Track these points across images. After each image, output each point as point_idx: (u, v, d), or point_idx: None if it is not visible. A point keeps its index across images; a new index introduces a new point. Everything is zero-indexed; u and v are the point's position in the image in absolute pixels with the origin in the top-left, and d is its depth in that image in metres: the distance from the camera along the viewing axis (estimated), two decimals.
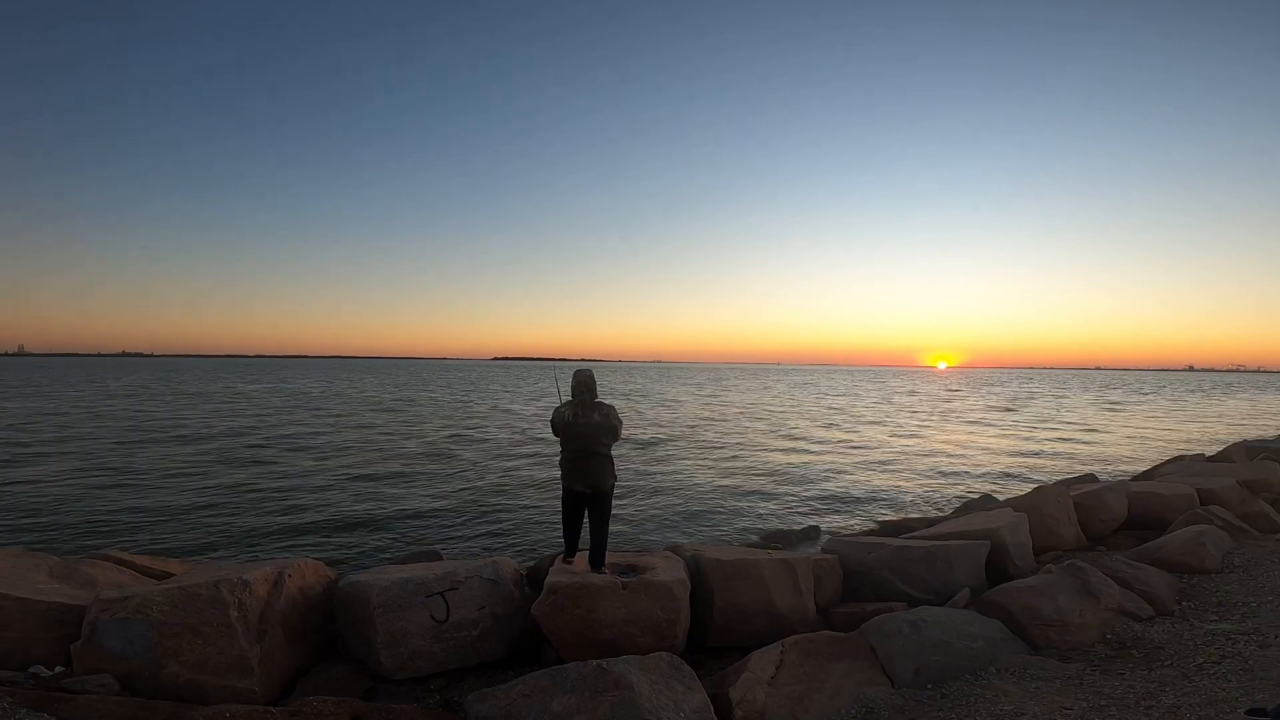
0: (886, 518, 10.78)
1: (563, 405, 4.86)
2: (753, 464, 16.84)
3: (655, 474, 14.95)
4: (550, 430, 4.94)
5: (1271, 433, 24.65)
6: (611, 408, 4.86)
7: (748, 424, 28.02)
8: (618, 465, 4.98)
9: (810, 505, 12.14)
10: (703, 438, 22.55)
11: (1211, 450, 15.74)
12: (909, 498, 13.06)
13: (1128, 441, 23.69)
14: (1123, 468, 16.93)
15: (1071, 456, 19.39)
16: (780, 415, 32.92)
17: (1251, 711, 3.36)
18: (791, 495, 12.97)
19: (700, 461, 17.09)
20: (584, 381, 4.82)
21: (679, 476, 14.72)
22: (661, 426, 26.21)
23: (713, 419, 30.17)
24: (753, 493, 13.10)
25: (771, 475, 15.15)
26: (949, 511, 10.71)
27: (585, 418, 4.72)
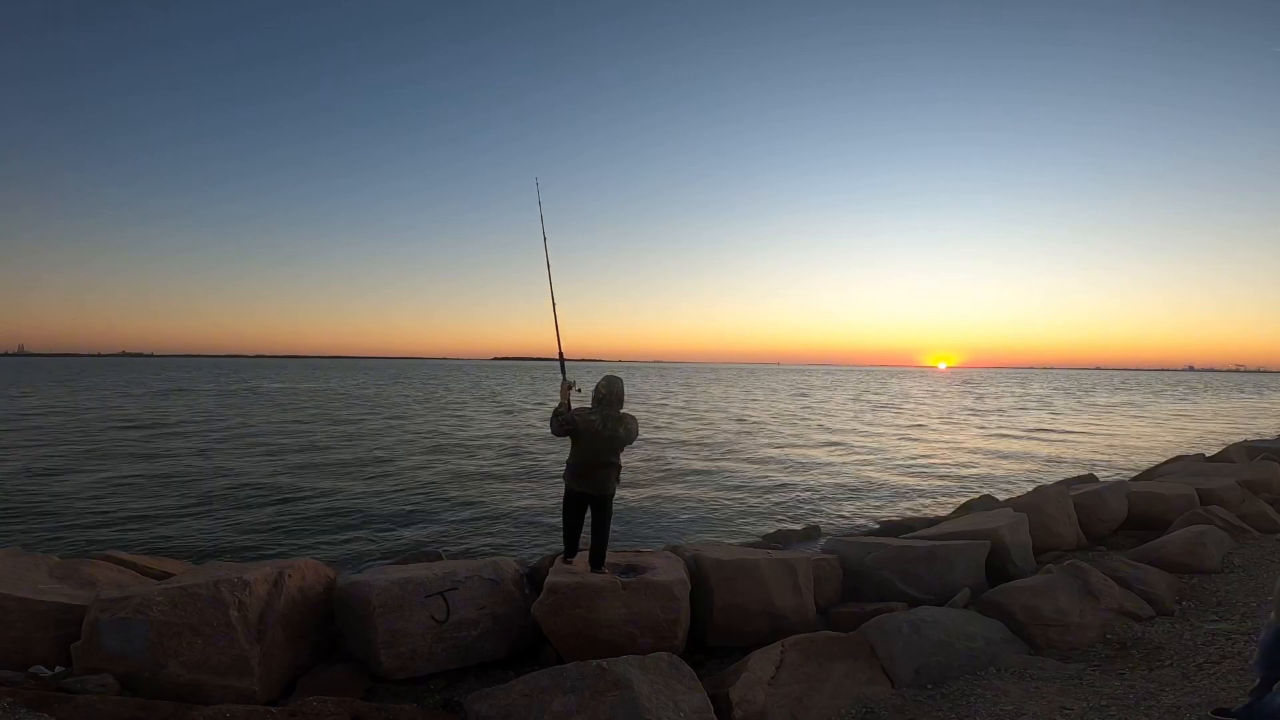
0: (886, 518, 10.78)
1: (590, 410, 4.73)
2: (752, 464, 16.84)
3: (655, 474, 14.95)
4: (552, 423, 4.66)
5: (1271, 433, 24.65)
6: (634, 419, 4.82)
7: (747, 424, 28.02)
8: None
9: (810, 505, 12.14)
10: (702, 438, 22.56)
11: (1211, 450, 15.74)
12: (909, 498, 13.06)
13: (1127, 441, 23.69)
14: (1123, 468, 16.95)
15: (1071, 456, 19.40)
16: (780, 415, 32.92)
17: (1218, 712, 3.39)
18: (791, 495, 12.97)
19: (700, 461, 17.09)
20: (616, 391, 4.78)
21: (679, 476, 14.72)
22: (661, 427, 26.21)
23: (712, 419, 30.17)
24: (753, 493, 13.11)
25: (771, 475, 15.15)
26: (949, 511, 10.71)
27: (611, 430, 4.66)
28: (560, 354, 5.17)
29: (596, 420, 4.67)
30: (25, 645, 3.94)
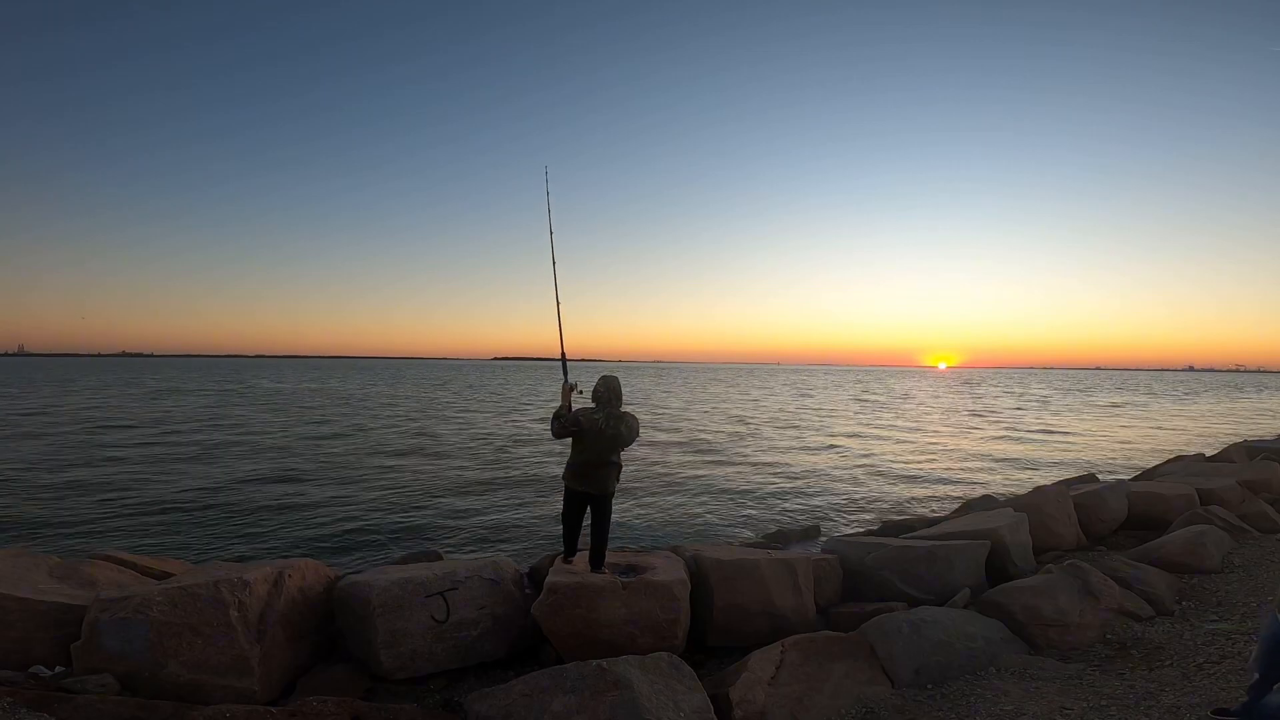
0: (886, 518, 10.78)
1: (594, 410, 4.73)
2: (753, 464, 16.84)
3: (655, 474, 14.95)
4: (554, 426, 4.69)
5: (1271, 433, 24.65)
6: (634, 418, 4.82)
7: (747, 424, 28.02)
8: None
9: (810, 505, 12.14)
10: (702, 438, 22.56)
11: (1211, 450, 15.74)
12: (909, 498, 13.06)
13: (1127, 441, 23.70)
14: (1123, 468, 16.94)
15: (1071, 457, 19.40)
16: (780, 415, 32.92)
17: (1217, 712, 3.38)
18: (791, 495, 12.97)
19: (700, 461, 17.09)
20: (614, 390, 4.79)
21: (679, 476, 14.72)
22: (661, 428, 26.21)
23: (713, 419, 30.17)
24: (753, 493, 13.11)
25: (771, 475, 15.15)
26: (949, 511, 10.71)
27: (614, 429, 4.67)
28: (563, 354, 5.20)
29: (600, 419, 4.68)
30: (25, 645, 3.93)
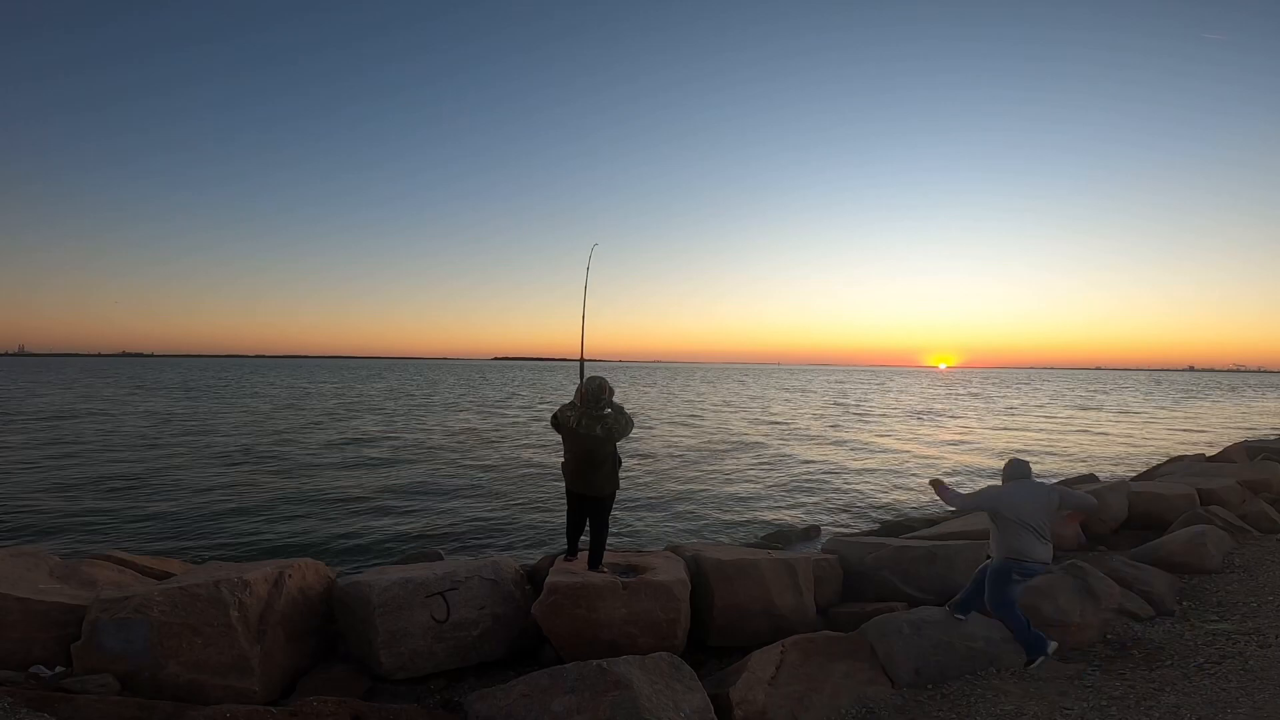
0: (886, 518, 10.78)
1: (568, 408, 4.79)
2: (753, 464, 16.84)
3: (655, 474, 14.95)
4: (552, 424, 4.95)
5: (1271, 433, 24.63)
6: (618, 417, 4.75)
7: (747, 424, 28.02)
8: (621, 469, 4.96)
9: (810, 505, 12.14)
10: (703, 438, 22.56)
11: (1211, 450, 15.72)
12: (909, 498, 13.06)
13: (1128, 441, 23.69)
14: (1123, 468, 16.94)
15: (1071, 456, 19.39)
16: (780, 416, 32.91)
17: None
18: (791, 495, 12.97)
19: (700, 461, 17.09)
20: (592, 391, 4.72)
21: (679, 477, 14.72)
22: (661, 428, 26.21)
23: (713, 419, 30.17)
24: (753, 493, 13.11)
25: (771, 475, 15.15)
26: (949, 512, 10.71)
27: (588, 429, 4.66)
28: (581, 359, 5.60)
29: (573, 418, 4.73)
30: (25, 645, 3.93)
